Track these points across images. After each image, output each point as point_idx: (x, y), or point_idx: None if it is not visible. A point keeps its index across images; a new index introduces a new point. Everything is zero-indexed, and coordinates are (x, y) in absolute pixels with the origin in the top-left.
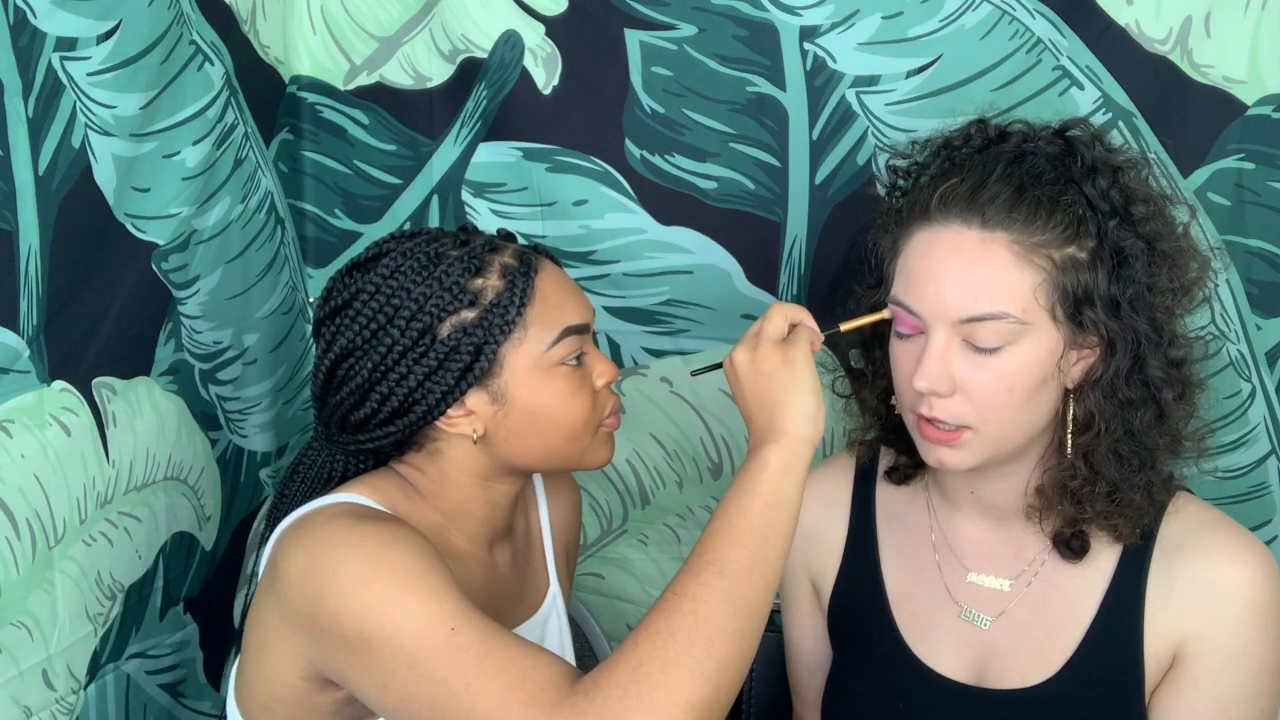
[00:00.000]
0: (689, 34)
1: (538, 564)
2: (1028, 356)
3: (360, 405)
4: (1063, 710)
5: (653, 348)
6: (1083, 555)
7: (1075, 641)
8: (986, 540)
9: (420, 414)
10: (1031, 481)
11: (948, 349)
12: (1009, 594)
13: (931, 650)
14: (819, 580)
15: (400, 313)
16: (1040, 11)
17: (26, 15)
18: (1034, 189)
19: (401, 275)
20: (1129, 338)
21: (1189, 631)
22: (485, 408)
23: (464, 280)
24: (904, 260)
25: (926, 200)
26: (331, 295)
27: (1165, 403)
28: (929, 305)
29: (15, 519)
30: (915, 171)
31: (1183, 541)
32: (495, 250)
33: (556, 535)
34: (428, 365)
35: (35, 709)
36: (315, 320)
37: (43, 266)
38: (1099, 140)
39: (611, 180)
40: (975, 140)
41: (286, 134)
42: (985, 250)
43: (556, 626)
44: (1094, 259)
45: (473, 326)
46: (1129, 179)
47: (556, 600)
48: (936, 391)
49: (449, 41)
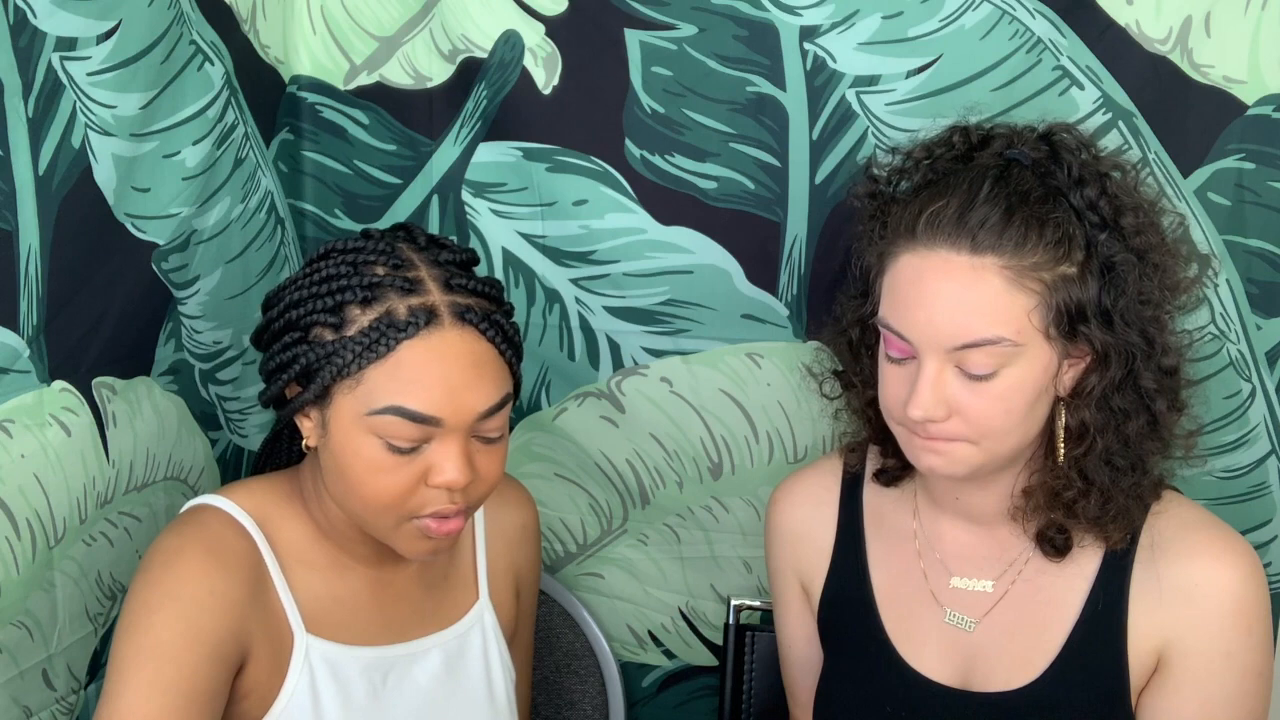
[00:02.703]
0: (689, 34)
1: (462, 576)
2: (1023, 376)
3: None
4: (1048, 713)
5: (653, 348)
6: (1066, 553)
7: (1059, 644)
8: (969, 543)
9: (269, 398)
10: (1018, 484)
11: (940, 376)
12: (992, 596)
13: (918, 653)
14: (808, 582)
15: (291, 295)
16: (1040, 11)
17: (26, 15)
18: (1023, 209)
19: (325, 262)
20: (1122, 349)
21: (1173, 634)
22: (316, 428)
23: (346, 301)
24: (891, 281)
25: (913, 221)
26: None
27: (1159, 412)
28: (920, 333)
29: (15, 519)
30: (895, 179)
31: (1167, 542)
32: (406, 292)
33: (494, 549)
34: (281, 357)
35: (35, 709)
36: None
37: (43, 266)
38: (1085, 146)
39: (611, 180)
40: (957, 147)
41: (286, 134)
42: (976, 276)
43: (480, 641)
44: (1083, 272)
45: (320, 346)
46: (1117, 186)
47: (484, 615)
48: (932, 419)
49: (449, 41)
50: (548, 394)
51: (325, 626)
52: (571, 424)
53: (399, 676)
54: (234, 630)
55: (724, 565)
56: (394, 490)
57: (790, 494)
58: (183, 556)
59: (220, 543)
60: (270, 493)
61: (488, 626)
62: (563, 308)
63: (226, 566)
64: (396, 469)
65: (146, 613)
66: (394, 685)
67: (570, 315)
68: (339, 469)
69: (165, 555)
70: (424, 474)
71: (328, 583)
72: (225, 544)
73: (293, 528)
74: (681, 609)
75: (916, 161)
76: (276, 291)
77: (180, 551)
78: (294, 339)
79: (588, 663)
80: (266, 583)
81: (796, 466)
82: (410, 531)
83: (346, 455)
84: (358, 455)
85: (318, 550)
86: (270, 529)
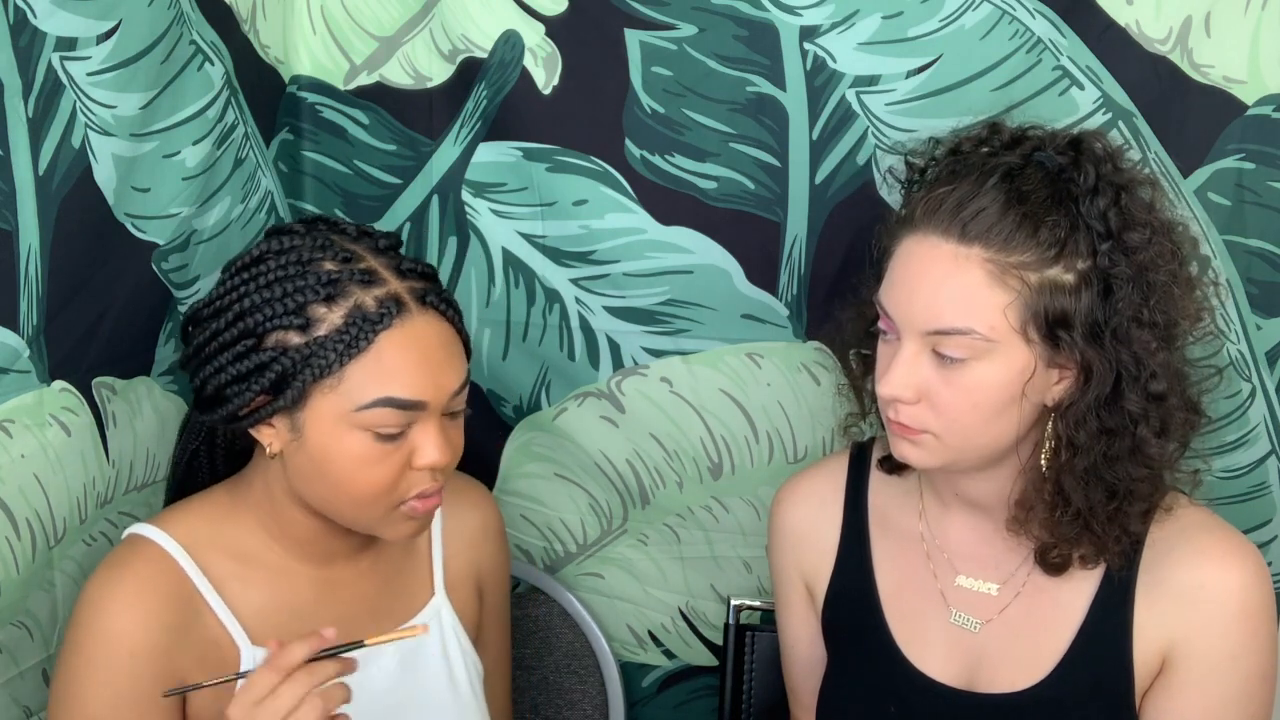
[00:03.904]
0: (689, 34)
1: (416, 574)
2: (994, 374)
3: (191, 379)
4: (1053, 715)
5: (653, 348)
6: (1063, 572)
7: (1064, 646)
8: (975, 544)
9: (228, 413)
10: (1014, 492)
11: (917, 358)
12: (998, 598)
13: (922, 653)
14: (812, 582)
15: (237, 304)
16: (1040, 11)
17: (26, 15)
18: (1021, 206)
19: (264, 265)
20: (1107, 367)
21: (1178, 636)
22: (284, 432)
23: (308, 301)
24: (892, 263)
25: (918, 206)
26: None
27: (1141, 437)
28: (900, 312)
29: (15, 519)
30: (927, 170)
31: (1172, 544)
32: (367, 284)
33: (451, 548)
34: (240, 368)
35: (35, 709)
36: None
37: (43, 266)
38: (1112, 158)
39: (611, 180)
40: (988, 144)
41: (286, 134)
42: (957, 265)
43: (438, 638)
44: (1081, 282)
45: (293, 350)
46: (1132, 201)
47: (441, 611)
48: (899, 398)
49: (449, 41)
50: (548, 394)
51: (273, 635)
52: (571, 424)
53: (354, 679)
54: (163, 676)
55: (724, 565)
56: (384, 479)
57: (794, 493)
58: (102, 613)
59: (143, 586)
60: (209, 511)
61: (446, 623)
62: (563, 308)
63: (145, 613)
64: (385, 458)
65: (74, 682)
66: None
67: (570, 315)
68: (320, 470)
69: (87, 611)
70: (408, 459)
71: (274, 591)
72: (148, 586)
73: (239, 540)
74: (681, 609)
75: (948, 152)
76: (209, 303)
77: (100, 608)
78: (248, 347)
79: (588, 663)
80: (200, 610)
81: (796, 467)
82: (397, 516)
83: (331, 454)
84: (345, 452)
85: (267, 557)
86: (204, 551)
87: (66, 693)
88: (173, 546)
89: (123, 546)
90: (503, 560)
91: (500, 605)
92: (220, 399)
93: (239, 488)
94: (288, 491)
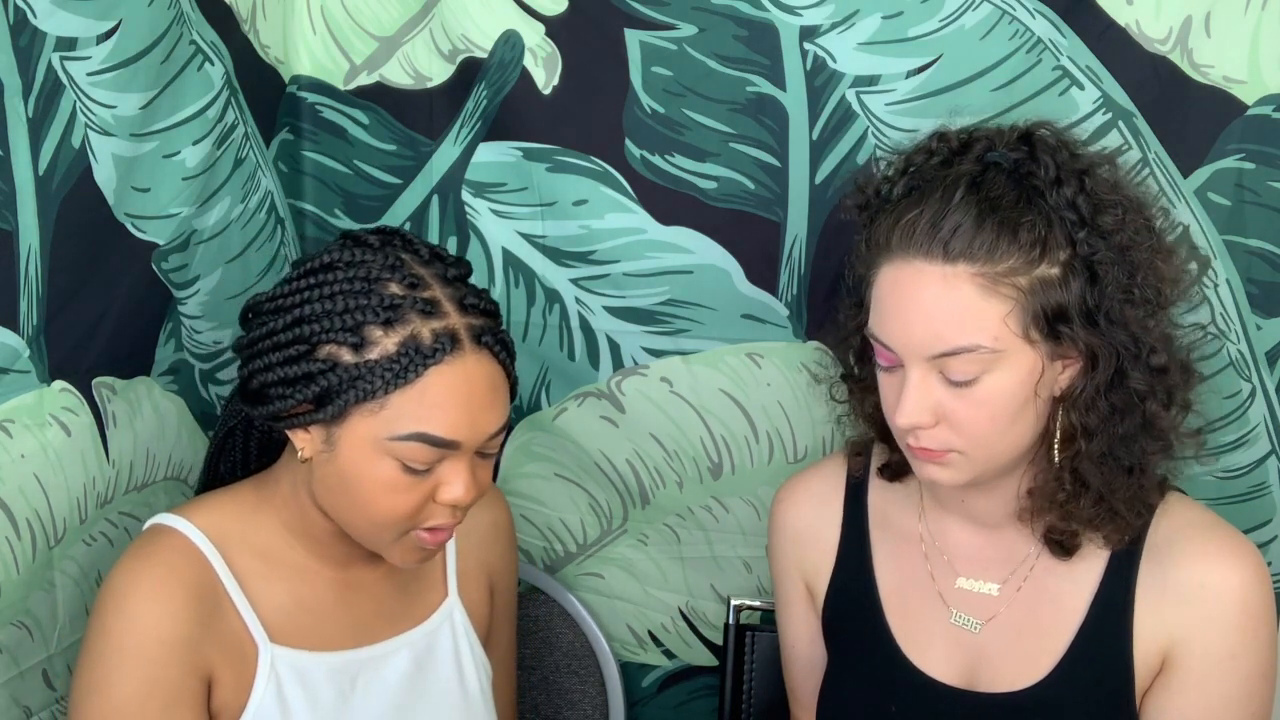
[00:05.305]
0: (689, 34)
1: (431, 574)
2: (1006, 382)
3: (240, 368)
4: (1053, 714)
5: (653, 348)
6: (1073, 553)
7: (1064, 645)
8: (976, 545)
9: (269, 412)
10: (1023, 485)
11: (925, 383)
12: (998, 598)
13: (923, 653)
14: (813, 582)
15: (298, 308)
16: (1040, 11)
17: (26, 15)
18: (995, 214)
19: (332, 274)
20: (1109, 350)
21: (1178, 635)
22: (318, 442)
23: (366, 321)
24: (876, 293)
25: (890, 232)
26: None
27: (1151, 412)
28: (900, 342)
29: (15, 519)
30: (881, 189)
31: (1172, 543)
32: (427, 315)
33: (464, 547)
34: (288, 372)
35: (36, 709)
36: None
37: (43, 266)
38: (1064, 144)
39: (611, 180)
40: (937, 154)
41: (286, 134)
42: (947, 285)
43: (450, 639)
44: (1066, 272)
45: (342, 368)
46: (1098, 183)
47: (454, 613)
48: (919, 425)
49: (449, 41)
50: (548, 394)
51: (291, 634)
52: (571, 424)
53: (368, 679)
54: (191, 666)
55: (724, 565)
56: (404, 509)
57: (795, 493)
58: (132, 601)
59: (171, 575)
60: (235, 506)
61: (458, 624)
62: (563, 308)
63: (175, 602)
64: (410, 489)
65: (103, 669)
66: (363, 688)
67: (570, 315)
68: (345, 486)
69: (116, 599)
70: (433, 491)
71: (294, 590)
72: (176, 576)
73: (262, 537)
74: (681, 609)
75: (899, 171)
76: (271, 298)
77: (129, 595)
78: (300, 353)
79: (588, 663)
80: (223, 604)
81: (797, 467)
82: (407, 543)
83: (359, 474)
84: (371, 476)
85: (289, 556)
86: (229, 546)
87: (94, 680)
88: (200, 539)
89: (149, 535)
90: (512, 559)
91: (508, 605)
92: (263, 396)
93: (266, 485)
94: (312, 494)
